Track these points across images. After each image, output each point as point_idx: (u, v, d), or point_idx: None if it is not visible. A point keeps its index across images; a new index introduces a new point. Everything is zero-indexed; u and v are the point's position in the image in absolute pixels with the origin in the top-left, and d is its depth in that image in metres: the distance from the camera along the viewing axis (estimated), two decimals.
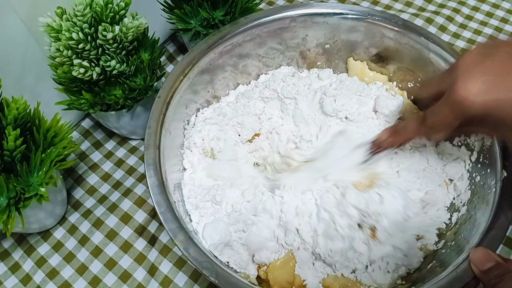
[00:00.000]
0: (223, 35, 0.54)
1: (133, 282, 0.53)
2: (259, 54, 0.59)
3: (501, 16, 0.77)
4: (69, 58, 0.50)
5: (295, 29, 0.57)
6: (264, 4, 0.80)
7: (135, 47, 0.54)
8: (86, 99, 0.53)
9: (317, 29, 0.57)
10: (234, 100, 0.58)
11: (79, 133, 0.66)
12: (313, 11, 0.56)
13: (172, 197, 0.45)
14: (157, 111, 0.48)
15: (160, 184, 0.44)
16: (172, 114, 0.50)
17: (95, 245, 0.56)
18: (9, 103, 0.47)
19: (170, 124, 0.49)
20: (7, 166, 0.47)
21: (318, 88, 0.56)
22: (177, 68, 0.52)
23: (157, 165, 0.45)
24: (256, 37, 0.56)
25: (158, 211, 0.42)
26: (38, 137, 0.49)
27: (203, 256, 0.40)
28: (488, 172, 0.45)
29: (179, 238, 0.41)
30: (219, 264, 0.41)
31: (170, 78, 0.51)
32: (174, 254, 0.54)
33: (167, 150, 0.48)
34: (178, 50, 0.75)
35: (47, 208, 0.54)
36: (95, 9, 0.49)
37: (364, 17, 0.55)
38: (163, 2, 0.63)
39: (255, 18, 0.56)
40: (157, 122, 0.48)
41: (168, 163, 0.48)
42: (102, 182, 0.62)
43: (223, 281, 0.39)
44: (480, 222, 0.42)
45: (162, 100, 0.49)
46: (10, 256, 0.56)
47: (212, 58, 0.54)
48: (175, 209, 0.43)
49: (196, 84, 0.54)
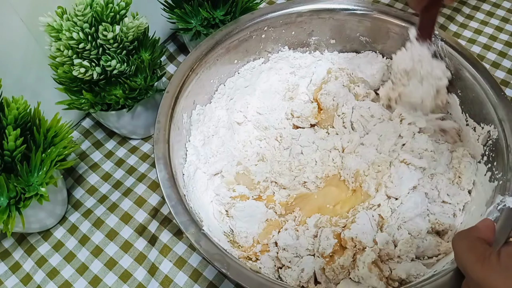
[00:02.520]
0: (230, 30, 0.55)
1: (133, 282, 0.53)
2: (266, 50, 0.60)
3: (501, 15, 0.77)
4: (69, 58, 0.50)
5: (301, 25, 0.58)
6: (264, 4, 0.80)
7: (136, 47, 0.54)
8: (87, 98, 0.53)
9: (323, 24, 0.59)
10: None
11: (80, 132, 0.66)
12: (319, 7, 0.57)
13: (182, 190, 0.45)
14: (166, 105, 0.49)
15: (170, 178, 0.44)
16: (180, 108, 0.50)
17: (95, 244, 0.56)
18: (9, 103, 0.47)
19: (178, 119, 0.50)
20: (7, 166, 0.47)
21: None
22: (185, 63, 0.52)
23: (166, 159, 0.46)
24: (264, 32, 0.57)
25: (169, 204, 0.43)
26: (38, 137, 0.49)
27: (214, 249, 0.40)
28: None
29: (190, 230, 0.41)
30: (230, 256, 0.41)
31: (178, 72, 0.51)
32: (174, 254, 0.54)
33: (176, 144, 0.49)
34: (179, 49, 0.75)
35: (48, 208, 0.54)
36: (95, 8, 0.49)
37: (371, 12, 0.56)
38: (164, 2, 0.63)
39: (262, 13, 0.56)
40: (166, 117, 0.48)
41: (177, 156, 0.48)
42: (103, 181, 0.62)
43: (234, 273, 0.39)
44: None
45: (171, 95, 0.50)
46: (10, 255, 0.56)
47: (219, 53, 0.55)
48: (185, 202, 0.44)
49: (203, 79, 0.54)
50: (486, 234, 0.35)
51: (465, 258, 0.34)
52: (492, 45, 0.73)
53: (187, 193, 0.47)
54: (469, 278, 0.34)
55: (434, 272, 0.41)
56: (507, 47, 0.73)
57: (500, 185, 0.44)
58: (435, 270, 0.41)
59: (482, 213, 0.44)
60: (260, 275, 0.40)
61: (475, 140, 0.50)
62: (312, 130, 0.59)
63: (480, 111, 0.50)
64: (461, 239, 0.35)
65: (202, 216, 0.46)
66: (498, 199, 0.43)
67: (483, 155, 0.49)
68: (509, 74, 0.70)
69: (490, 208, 0.43)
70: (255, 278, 0.39)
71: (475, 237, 0.35)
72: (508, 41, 0.74)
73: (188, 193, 0.47)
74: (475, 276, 0.32)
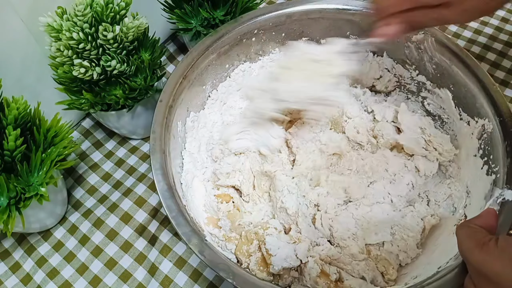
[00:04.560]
0: (220, 35, 0.55)
1: (133, 282, 0.53)
2: (257, 52, 0.59)
3: (501, 15, 0.77)
4: (69, 58, 0.50)
5: (291, 26, 0.58)
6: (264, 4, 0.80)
7: (136, 47, 0.54)
8: (87, 99, 0.53)
9: (313, 24, 0.58)
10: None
11: (80, 133, 0.66)
12: (309, 8, 0.57)
13: (181, 201, 0.44)
14: (160, 114, 0.48)
15: (169, 189, 0.44)
16: (174, 117, 0.50)
17: (95, 244, 0.56)
18: (9, 103, 0.47)
19: (173, 127, 0.49)
20: (7, 166, 0.47)
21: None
22: (177, 71, 0.52)
23: (164, 169, 0.45)
24: (254, 35, 0.57)
25: (170, 216, 0.42)
26: (38, 137, 0.49)
27: (219, 258, 0.40)
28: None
29: (193, 242, 0.41)
30: (234, 265, 0.41)
31: (170, 81, 0.51)
32: (174, 253, 0.54)
33: (173, 153, 0.48)
34: (179, 50, 0.75)
35: (48, 208, 0.54)
36: (95, 9, 0.49)
37: (359, 10, 0.56)
38: (164, 2, 0.63)
39: (251, 16, 0.56)
40: (161, 126, 0.48)
41: (174, 166, 0.48)
42: (103, 181, 0.62)
43: (240, 282, 0.39)
44: None
45: (165, 104, 0.49)
46: (10, 255, 0.56)
47: (211, 59, 0.55)
48: (186, 213, 0.43)
49: (196, 85, 0.54)
50: (487, 221, 0.36)
51: (465, 244, 0.35)
52: (492, 45, 0.73)
53: (187, 202, 0.46)
54: (469, 264, 0.35)
55: (438, 269, 0.41)
56: (507, 47, 0.73)
57: (498, 178, 0.44)
58: (439, 266, 0.42)
59: (482, 207, 0.44)
60: (266, 283, 0.41)
61: (469, 135, 0.50)
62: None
63: (473, 105, 0.50)
64: (462, 227, 0.36)
65: (201, 225, 0.46)
66: (496, 192, 0.43)
67: (478, 149, 0.49)
68: (509, 74, 0.70)
69: (490, 202, 0.43)
70: (261, 286, 0.40)
71: (476, 225, 0.36)
72: (508, 41, 0.74)
73: (188, 202, 0.47)
74: (474, 260, 0.33)
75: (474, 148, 0.50)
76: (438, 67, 0.54)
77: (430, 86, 0.56)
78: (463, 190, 0.50)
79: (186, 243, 0.41)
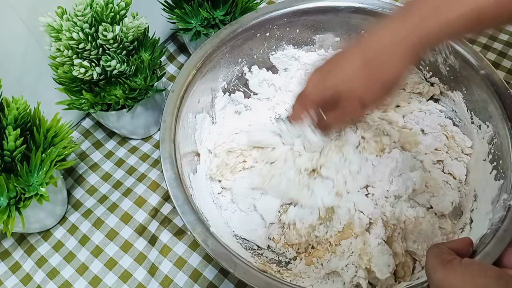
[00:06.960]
0: (234, 29, 0.55)
1: (133, 282, 0.53)
2: (270, 48, 0.60)
3: None
4: (69, 58, 0.50)
5: (306, 22, 0.58)
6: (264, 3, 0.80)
7: (136, 47, 0.54)
8: (87, 99, 0.53)
9: (328, 22, 0.59)
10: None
11: (80, 133, 0.66)
12: (324, 5, 0.57)
13: (188, 190, 0.45)
14: (171, 105, 0.49)
15: (176, 178, 0.44)
16: (186, 107, 0.50)
17: (95, 245, 0.56)
18: (9, 103, 0.47)
19: (184, 118, 0.50)
20: (7, 166, 0.47)
21: None
22: (189, 62, 0.52)
23: (173, 158, 0.45)
24: (268, 30, 0.57)
25: (176, 204, 0.43)
26: (38, 137, 0.49)
27: (221, 248, 0.41)
28: None
29: (197, 230, 0.41)
30: (237, 255, 0.41)
31: (183, 72, 0.51)
32: (174, 254, 0.54)
33: (182, 143, 0.48)
34: (179, 49, 0.75)
35: (47, 208, 0.54)
36: (95, 9, 0.49)
37: (375, 9, 0.56)
38: (164, 2, 0.63)
39: (266, 11, 0.56)
40: (172, 116, 0.48)
41: (183, 156, 0.48)
42: (103, 182, 0.62)
43: (241, 273, 0.39)
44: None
45: (176, 94, 0.50)
46: (10, 256, 0.56)
47: (224, 52, 0.55)
48: (192, 202, 0.44)
49: (208, 78, 0.54)
50: (460, 247, 0.37)
51: (430, 263, 0.35)
52: (492, 45, 0.73)
53: (193, 192, 0.47)
54: (431, 283, 0.34)
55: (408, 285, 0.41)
56: (507, 47, 0.73)
57: (506, 183, 0.44)
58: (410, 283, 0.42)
59: (488, 212, 0.44)
60: (267, 274, 0.40)
61: (480, 139, 0.50)
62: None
63: (486, 109, 0.49)
64: (432, 248, 0.36)
65: (207, 215, 0.46)
66: (503, 197, 0.43)
67: (488, 153, 0.49)
68: (509, 74, 0.70)
69: (496, 207, 0.43)
70: (262, 277, 0.40)
71: (446, 247, 0.36)
72: (508, 41, 0.74)
73: (194, 192, 0.47)
74: (436, 278, 0.33)
75: (484, 152, 0.50)
76: (451, 69, 0.54)
77: (443, 88, 0.56)
78: (470, 194, 0.50)
79: (191, 231, 0.41)
